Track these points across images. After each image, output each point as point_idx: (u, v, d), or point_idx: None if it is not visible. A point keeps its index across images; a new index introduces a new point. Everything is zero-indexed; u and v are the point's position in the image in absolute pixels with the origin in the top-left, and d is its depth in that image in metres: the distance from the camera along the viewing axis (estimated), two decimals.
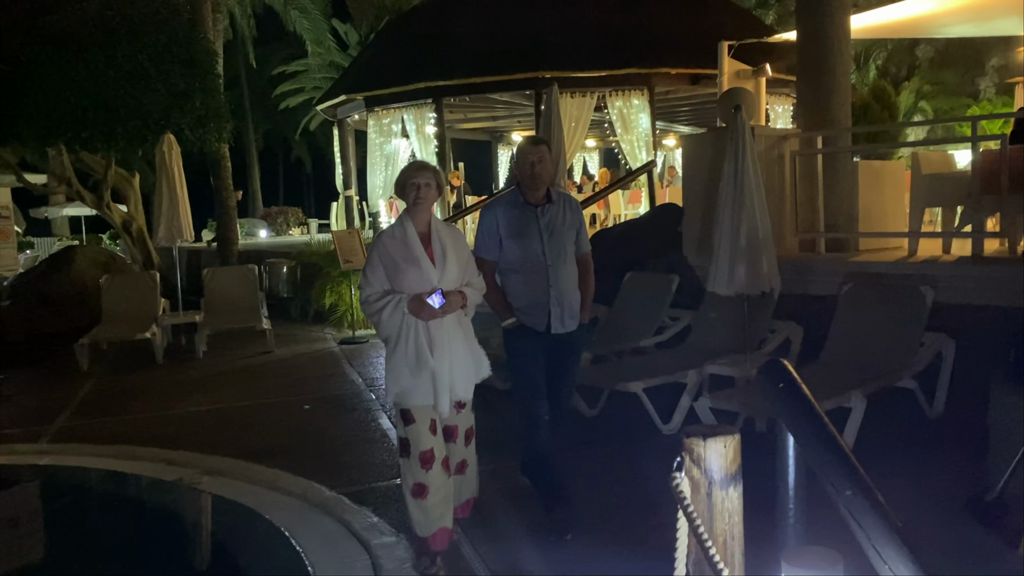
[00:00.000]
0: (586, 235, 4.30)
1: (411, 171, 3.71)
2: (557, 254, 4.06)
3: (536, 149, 4.07)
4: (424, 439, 3.58)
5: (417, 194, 3.63)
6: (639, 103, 14.23)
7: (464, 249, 3.79)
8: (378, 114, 15.50)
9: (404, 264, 3.59)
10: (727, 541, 2.09)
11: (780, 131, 8.61)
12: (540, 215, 4.06)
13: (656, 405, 5.59)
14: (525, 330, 4.08)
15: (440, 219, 3.86)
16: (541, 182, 4.05)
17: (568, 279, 4.11)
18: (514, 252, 4.07)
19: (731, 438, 2.09)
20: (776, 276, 5.54)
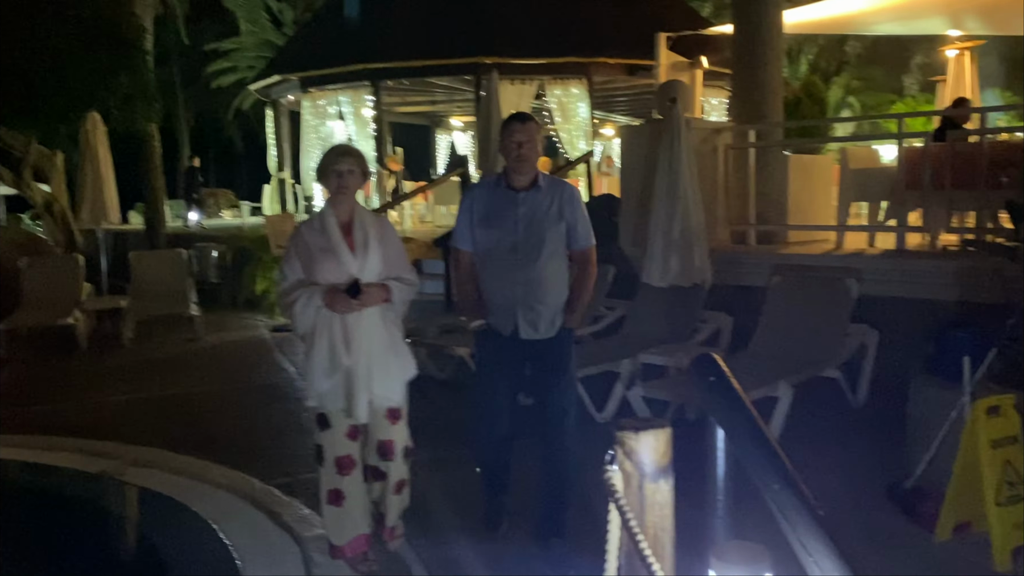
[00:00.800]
0: (587, 228, 3.68)
1: (332, 157, 3.45)
2: (532, 247, 3.55)
3: (524, 127, 3.54)
4: (341, 445, 3.42)
5: (340, 182, 3.40)
6: (578, 92, 14.31)
7: (392, 242, 3.54)
8: (313, 95, 15.24)
9: (320, 254, 3.37)
10: (658, 534, 2.12)
11: (714, 124, 8.74)
12: (520, 202, 3.58)
13: (591, 394, 5.63)
14: (492, 334, 3.65)
15: (367, 209, 3.63)
16: (528, 165, 3.56)
17: (546, 277, 3.59)
18: (486, 242, 3.64)
19: (662, 431, 2.11)
20: (708, 268, 5.64)
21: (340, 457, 3.42)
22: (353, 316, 3.35)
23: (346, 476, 3.42)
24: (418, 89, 16.37)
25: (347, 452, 3.43)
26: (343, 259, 3.37)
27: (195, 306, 9.63)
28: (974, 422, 3.34)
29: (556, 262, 3.62)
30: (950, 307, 5.32)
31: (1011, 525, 3.32)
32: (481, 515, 3.91)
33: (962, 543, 3.49)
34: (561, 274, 3.66)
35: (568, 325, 3.66)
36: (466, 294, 3.77)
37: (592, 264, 3.70)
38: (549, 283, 3.59)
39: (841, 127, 18.46)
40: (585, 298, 3.71)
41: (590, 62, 13.92)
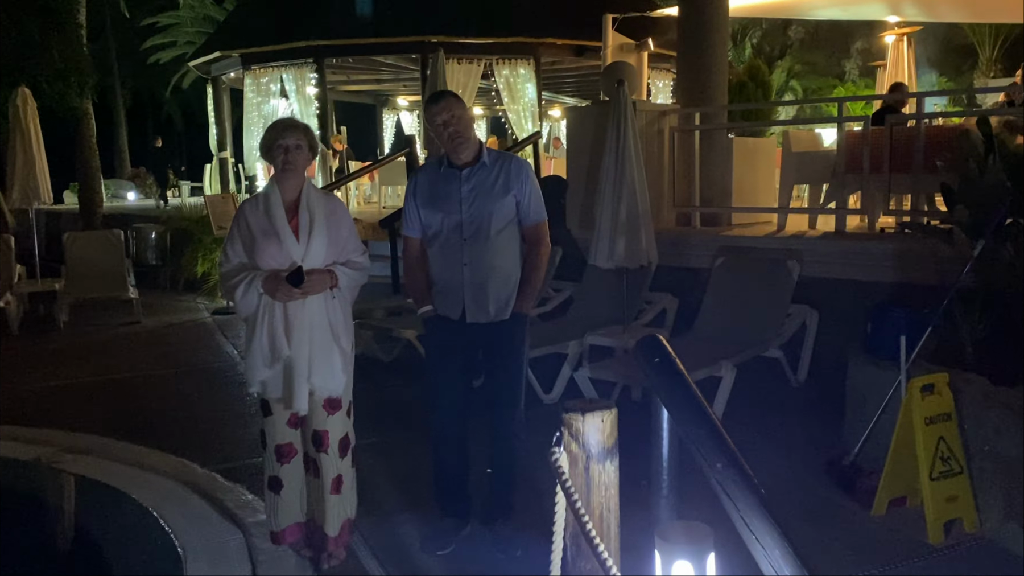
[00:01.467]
0: (539, 202, 3.49)
1: (277, 131, 3.23)
2: (479, 226, 3.38)
3: (445, 105, 3.39)
4: (281, 432, 3.32)
5: (285, 157, 3.19)
6: (525, 72, 14.23)
7: (342, 223, 3.33)
8: (255, 72, 14.87)
9: (263, 237, 3.19)
10: (603, 514, 2.13)
11: (660, 107, 8.80)
12: (464, 179, 3.42)
13: (538, 375, 5.65)
14: (441, 320, 3.50)
15: (317, 187, 3.44)
16: (463, 141, 3.39)
17: (493, 256, 3.41)
18: (431, 223, 3.48)
19: (608, 412, 2.12)
20: (654, 250, 5.67)
21: (280, 445, 3.33)
22: (295, 304, 3.17)
23: (284, 464, 3.34)
24: (363, 67, 16.10)
25: (287, 440, 3.33)
26: (286, 243, 3.17)
27: (133, 288, 9.37)
28: (909, 400, 3.43)
29: (505, 240, 3.43)
30: (888, 288, 5.45)
31: (944, 499, 3.42)
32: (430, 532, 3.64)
33: (897, 518, 3.60)
34: (512, 253, 3.47)
35: (518, 309, 3.46)
36: (415, 281, 3.60)
37: (544, 241, 3.50)
38: (498, 263, 3.41)
39: (784, 110, 18.74)
40: (537, 278, 3.50)
41: (537, 42, 13.84)
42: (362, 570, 3.41)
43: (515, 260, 3.49)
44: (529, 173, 3.49)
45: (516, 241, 3.50)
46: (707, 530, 1.63)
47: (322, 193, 3.39)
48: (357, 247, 3.39)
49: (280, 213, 3.21)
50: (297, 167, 3.23)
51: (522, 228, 3.48)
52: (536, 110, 14.28)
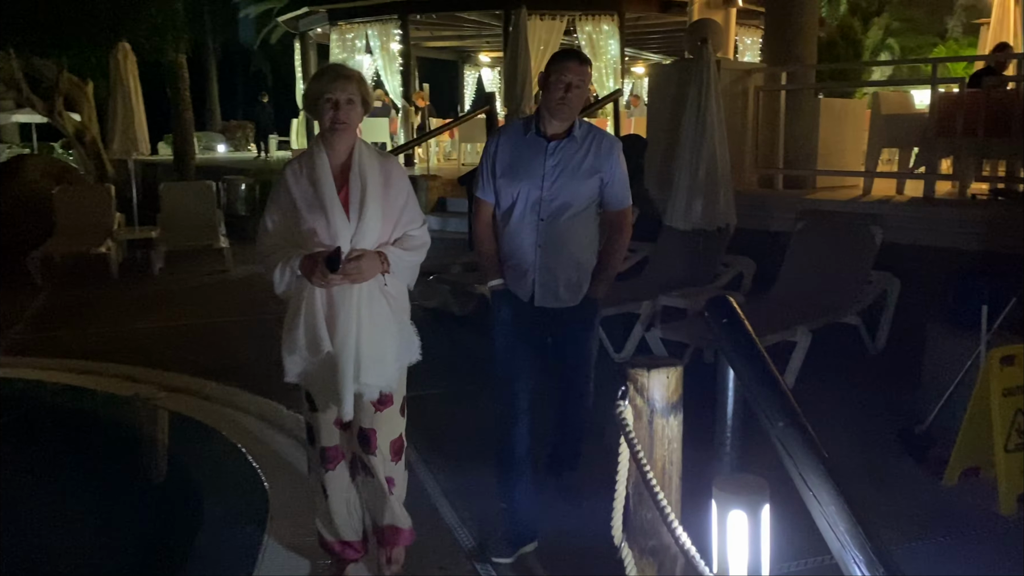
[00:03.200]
0: (625, 186, 3.27)
1: (325, 82, 2.74)
2: (558, 205, 3.16)
3: (580, 68, 3.13)
4: (327, 433, 2.88)
5: (335, 115, 2.71)
6: (609, 29, 14.07)
7: (400, 192, 2.82)
8: (342, 28, 15.10)
9: (307, 211, 2.72)
10: (665, 466, 2.20)
11: (745, 65, 8.60)
12: (550, 152, 3.16)
13: (609, 334, 5.70)
14: (509, 297, 3.30)
15: (371, 148, 2.89)
16: (569, 111, 3.13)
17: (571, 239, 3.21)
18: (506, 196, 3.23)
19: (674, 370, 2.18)
20: (732, 212, 5.63)
21: (327, 448, 2.90)
22: (340, 291, 2.70)
23: (329, 471, 2.92)
24: (447, 24, 16.15)
25: (334, 443, 2.90)
26: (334, 221, 2.70)
27: (224, 238, 9.76)
28: (987, 370, 3.37)
29: (583, 223, 3.22)
30: (975, 256, 5.29)
31: (1018, 471, 3.37)
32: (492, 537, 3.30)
33: (969, 488, 3.56)
34: (589, 238, 3.28)
35: (591, 295, 3.29)
36: (485, 249, 3.33)
37: (626, 228, 3.31)
38: (574, 246, 3.22)
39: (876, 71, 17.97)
40: (614, 265, 3.35)
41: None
42: (436, 514, 3.56)
43: (592, 245, 3.30)
44: (619, 152, 3.24)
45: (594, 225, 3.30)
46: (763, 483, 1.69)
47: (376, 153, 2.88)
48: (415, 217, 2.88)
49: (328, 181, 2.72)
50: (348, 126, 2.74)
51: (605, 212, 3.29)
52: (618, 67, 14.12)
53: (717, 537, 1.72)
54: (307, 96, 2.82)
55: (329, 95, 2.71)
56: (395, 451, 2.92)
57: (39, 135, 25.57)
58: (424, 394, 4.01)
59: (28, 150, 22.03)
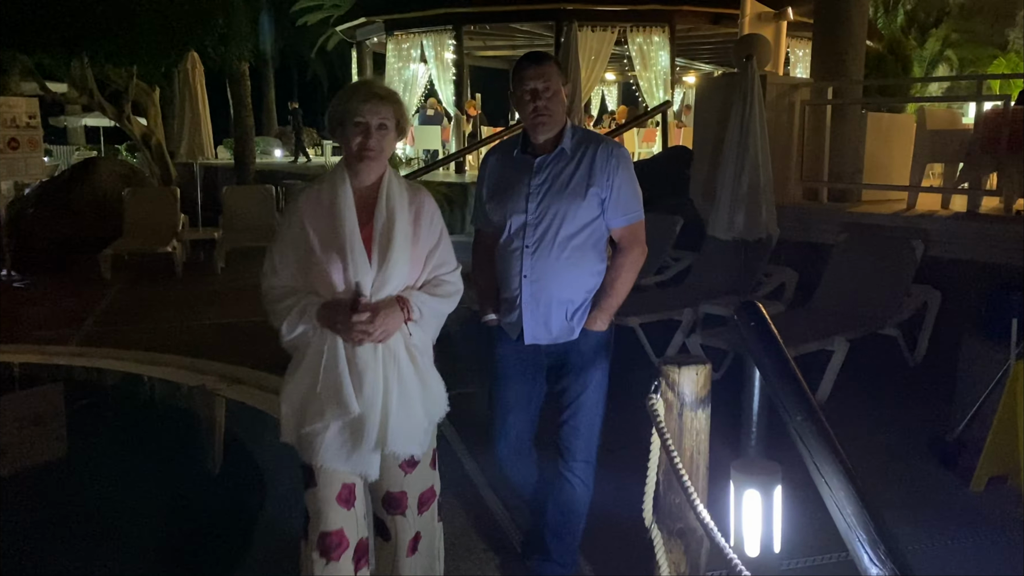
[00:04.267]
0: (632, 197, 2.83)
1: (356, 102, 2.31)
2: (545, 230, 2.75)
3: (540, 71, 2.72)
4: (328, 515, 2.33)
5: (364, 142, 2.31)
6: (659, 40, 14.20)
7: (432, 232, 2.44)
8: (397, 38, 15.48)
9: (323, 251, 2.30)
10: (693, 455, 2.39)
11: (792, 80, 8.69)
12: (536, 169, 2.79)
13: (651, 340, 5.88)
14: (501, 334, 2.93)
15: (401, 179, 2.47)
16: (548, 122, 2.74)
17: (562, 271, 2.78)
18: (496, 222, 2.88)
19: (703, 367, 2.38)
20: (774, 223, 5.76)
21: (327, 534, 2.33)
22: (367, 345, 2.29)
23: (331, 562, 2.33)
24: (499, 34, 16.45)
25: (337, 526, 2.34)
26: (354, 263, 2.29)
27: None
28: (1014, 380, 3.48)
29: (579, 250, 2.78)
30: (1017, 271, 5.34)
31: None
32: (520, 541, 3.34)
33: (995, 494, 3.66)
34: (588, 266, 2.81)
35: (589, 327, 2.82)
36: (480, 281, 2.99)
37: (635, 246, 2.85)
38: (568, 278, 2.79)
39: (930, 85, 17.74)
40: (619, 288, 2.83)
41: (673, 10, 13.77)
42: (482, 503, 3.74)
43: (592, 274, 2.83)
44: (620, 161, 2.79)
45: (596, 251, 2.84)
46: (776, 467, 1.87)
47: (407, 186, 2.46)
48: (447, 260, 2.49)
49: (351, 216, 2.32)
50: (381, 154, 2.34)
51: (611, 229, 2.84)
52: (668, 78, 14.24)
53: (734, 515, 1.91)
54: (332, 116, 2.37)
55: (360, 118, 2.30)
56: (424, 503, 2.51)
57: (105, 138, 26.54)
58: (473, 392, 4.19)
59: (95, 152, 22.89)
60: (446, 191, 10.84)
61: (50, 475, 4.57)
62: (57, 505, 4.00)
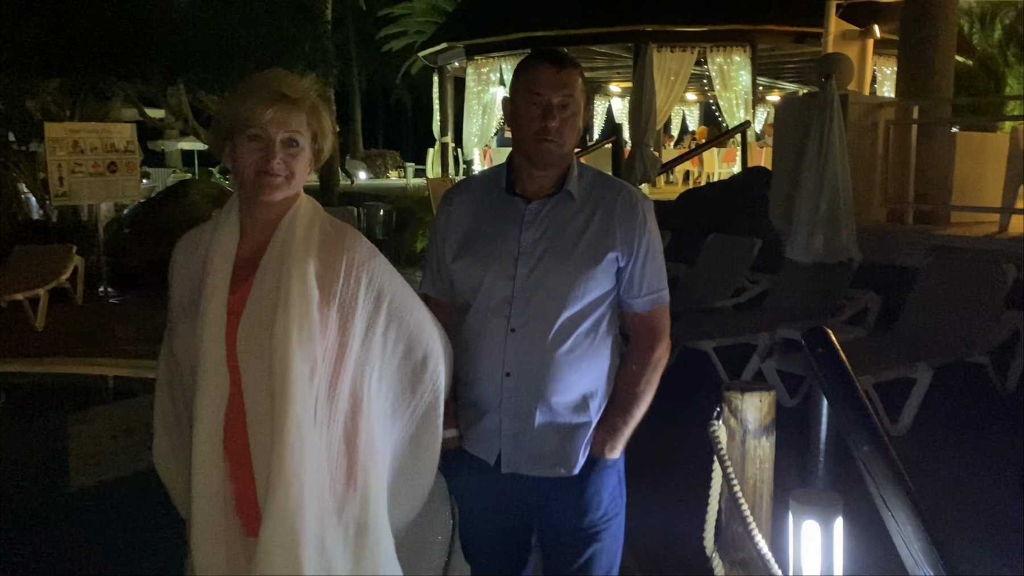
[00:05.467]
0: (658, 270, 2.06)
1: (253, 103, 1.63)
2: (540, 308, 1.96)
3: (560, 77, 1.93)
4: None
5: (265, 164, 1.63)
6: (740, 60, 14.04)
7: (370, 296, 1.72)
8: (477, 63, 15.75)
9: (179, 310, 1.71)
10: (756, 484, 2.34)
11: (876, 99, 8.48)
12: (529, 218, 1.98)
13: (726, 364, 5.77)
14: (467, 458, 2.04)
15: (320, 210, 1.76)
16: (558, 148, 1.94)
17: (565, 365, 1.97)
18: (462, 291, 2.03)
19: (767, 394, 2.34)
20: (855, 246, 5.61)
21: None
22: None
23: None
24: (578, 56, 16.54)
25: None
26: (206, 331, 1.61)
27: None
28: None
29: (587, 335, 2.00)
30: None
31: None
32: None
33: None
34: (597, 358, 2.03)
35: (597, 454, 2.03)
36: None
37: (661, 340, 2.09)
38: (568, 374, 1.98)
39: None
40: (642, 404, 2.09)
41: (754, 29, 13.60)
42: None
43: (602, 376, 2.05)
44: (649, 217, 2.04)
45: (609, 342, 2.06)
46: (837, 498, 1.82)
47: (332, 224, 1.75)
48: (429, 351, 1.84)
49: (219, 270, 1.65)
50: (288, 182, 1.66)
51: (627, 314, 2.07)
52: (749, 97, 14.05)
53: (792, 546, 1.86)
54: (218, 125, 1.70)
55: (256, 129, 1.62)
56: None
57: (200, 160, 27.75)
58: None
59: (190, 175, 23.93)
60: None
61: (142, 483, 4.77)
62: (150, 513, 4.17)
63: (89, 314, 8.56)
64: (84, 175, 9.41)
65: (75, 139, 9.37)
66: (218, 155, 1.76)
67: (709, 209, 8.28)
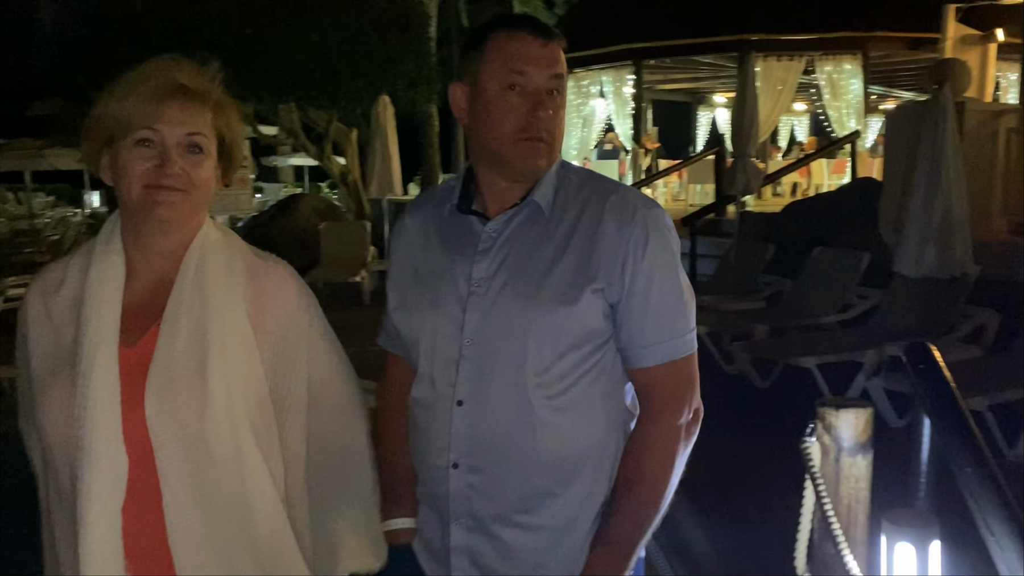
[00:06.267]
0: (670, 309, 1.47)
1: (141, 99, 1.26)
2: (493, 366, 1.43)
3: (548, 51, 1.43)
4: None
5: (158, 173, 1.27)
6: (851, 67, 13.57)
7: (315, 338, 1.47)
8: (577, 75, 15.77)
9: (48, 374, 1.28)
10: (851, 504, 2.25)
11: (996, 106, 8.05)
12: (484, 243, 1.48)
13: (830, 383, 5.58)
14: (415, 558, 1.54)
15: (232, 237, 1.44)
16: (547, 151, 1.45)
17: (526, 449, 1.43)
18: (407, 344, 1.58)
19: (864, 411, 2.24)
20: (970, 260, 5.34)
21: None
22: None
23: None
24: (681, 66, 16.35)
25: None
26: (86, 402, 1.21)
27: None
28: None
29: (568, 406, 1.45)
30: None
31: None
32: None
33: None
34: (584, 436, 1.47)
35: (594, 571, 1.42)
36: (387, 453, 1.59)
37: (680, 405, 1.50)
38: (542, 464, 1.45)
39: None
40: (651, 500, 1.47)
41: (866, 36, 13.11)
42: None
43: (592, 459, 1.48)
44: (653, 234, 1.46)
45: (601, 410, 1.48)
46: (933, 519, 1.74)
47: (253, 252, 1.44)
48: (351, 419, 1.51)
49: (107, 314, 1.26)
50: (188, 196, 1.31)
51: (632, 371, 1.49)
52: (861, 107, 13.55)
53: (885, 568, 1.79)
54: (94, 128, 1.30)
55: (143, 130, 1.26)
56: None
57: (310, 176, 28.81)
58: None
59: (300, 189, 24.88)
60: None
61: None
62: None
63: None
64: None
65: None
66: (93, 168, 1.33)
67: (815, 221, 8.02)
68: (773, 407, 5.70)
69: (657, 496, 1.48)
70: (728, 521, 3.86)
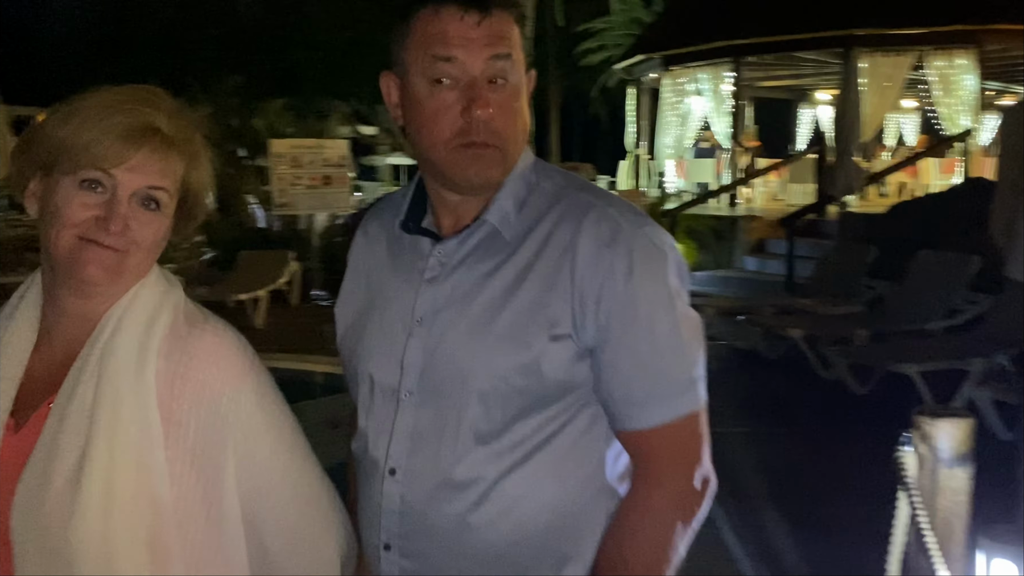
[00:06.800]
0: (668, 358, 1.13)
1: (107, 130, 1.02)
2: (432, 425, 1.15)
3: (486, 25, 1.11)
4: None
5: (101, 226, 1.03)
6: (964, 63, 12.91)
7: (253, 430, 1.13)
8: (674, 73, 15.56)
9: None
10: (949, 519, 2.18)
11: None
12: (431, 270, 1.19)
13: (935, 392, 5.36)
14: None
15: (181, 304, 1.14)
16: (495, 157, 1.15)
17: (474, 530, 1.13)
18: (347, 376, 1.33)
19: (964, 421, 2.17)
20: None
21: None
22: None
23: None
24: (783, 63, 15.91)
25: None
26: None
27: None
28: None
29: (530, 478, 1.14)
30: None
31: None
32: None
33: None
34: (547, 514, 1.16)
35: None
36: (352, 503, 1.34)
37: (673, 478, 1.16)
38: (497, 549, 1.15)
39: None
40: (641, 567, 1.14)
41: (981, 29, 12.46)
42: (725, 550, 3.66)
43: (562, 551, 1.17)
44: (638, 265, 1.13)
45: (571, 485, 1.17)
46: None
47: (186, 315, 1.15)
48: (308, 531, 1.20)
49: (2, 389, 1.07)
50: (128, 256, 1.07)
51: (622, 434, 1.18)
52: (973, 104, 12.89)
53: None
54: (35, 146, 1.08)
55: (95, 171, 1.05)
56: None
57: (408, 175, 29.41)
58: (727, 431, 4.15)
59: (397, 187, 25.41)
60: (715, 224, 10.68)
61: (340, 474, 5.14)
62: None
63: (303, 315, 9.31)
64: (302, 187, 10.29)
65: (295, 154, 10.27)
66: (17, 192, 1.09)
67: (921, 223, 7.71)
68: (871, 415, 5.52)
69: (647, 566, 1.14)
70: (819, 529, 3.76)
